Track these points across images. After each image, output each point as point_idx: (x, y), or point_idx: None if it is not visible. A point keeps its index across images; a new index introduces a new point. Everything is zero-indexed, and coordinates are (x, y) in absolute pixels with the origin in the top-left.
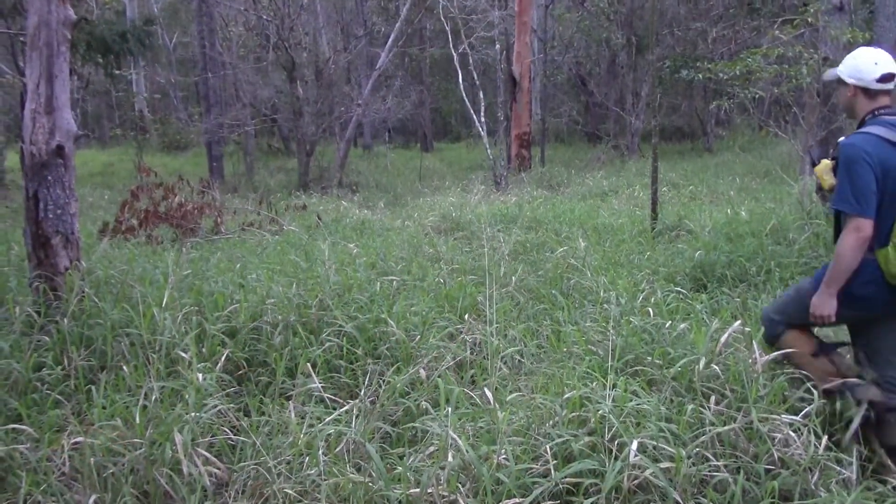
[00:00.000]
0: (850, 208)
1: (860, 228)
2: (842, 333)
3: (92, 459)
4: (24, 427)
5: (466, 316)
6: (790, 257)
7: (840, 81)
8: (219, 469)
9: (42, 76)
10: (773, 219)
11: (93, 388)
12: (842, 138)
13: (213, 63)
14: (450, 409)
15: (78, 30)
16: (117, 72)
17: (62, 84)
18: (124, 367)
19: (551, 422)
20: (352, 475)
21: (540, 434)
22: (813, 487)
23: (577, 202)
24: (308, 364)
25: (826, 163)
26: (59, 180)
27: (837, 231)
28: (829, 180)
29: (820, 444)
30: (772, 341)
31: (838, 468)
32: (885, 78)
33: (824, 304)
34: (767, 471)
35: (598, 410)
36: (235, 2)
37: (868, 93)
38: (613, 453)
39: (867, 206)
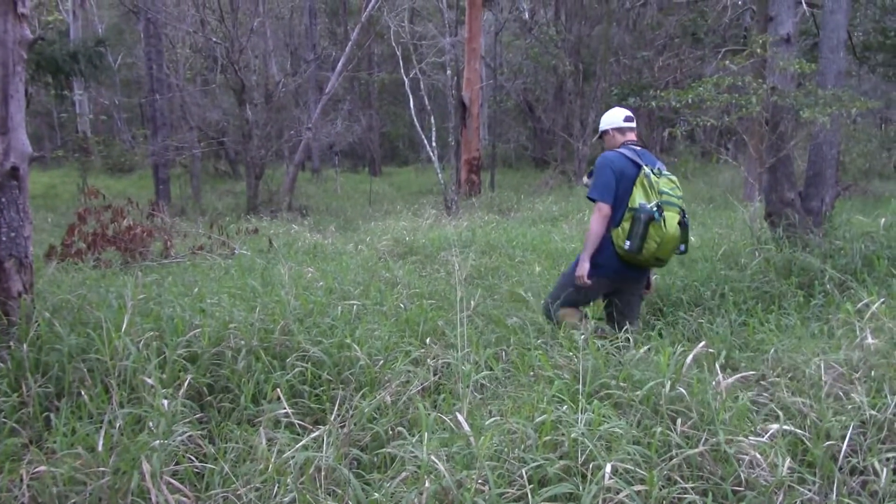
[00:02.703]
0: (596, 196)
1: (601, 210)
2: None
3: (54, 489)
4: None
5: (428, 340)
6: (743, 282)
7: (604, 132)
8: (187, 497)
9: None
10: (725, 244)
11: (51, 415)
12: (604, 153)
13: (161, 85)
14: (426, 434)
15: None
16: (66, 93)
17: (18, 104)
18: (84, 394)
19: (523, 446)
20: (326, 501)
21: (513, 458)
22: None
23: (528, 227)
24: (277, 389)
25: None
26: (13, 202)
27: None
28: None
29: (784, 465)
30: (551, 318)
31: (801, 489)
32: (628, 119)
33: (582, 266)
34: (734, 492)
35: (571, 434)
36: (183, 24)
37: (620, 130)
38: (588, 477)
39: (607, 195)
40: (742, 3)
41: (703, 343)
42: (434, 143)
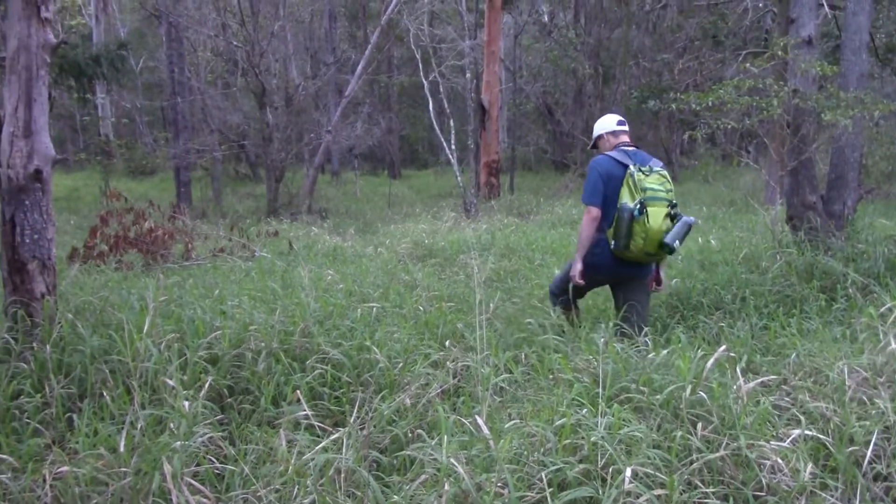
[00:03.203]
0: (585, 200)
1: (590, 212)
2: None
3: (77, 489)
4: (3, 456)
5: (447, 343)
6: (764, 285)
7: (598, 138)
8: (207, 499)
9: (21, 100)
10: (746, 247)
11: (73, 416)
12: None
13: (182, 88)
14: (446, 437)
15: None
16: (89, 96)
17: (41, 108)
18: (106, 395)
19: (543, 449)
20: (346, 503)
21: (533, 461)
22: None
23: (547, 230)
24: (298, 391)
25: None
26: (36, 205)
27: None
28: None
29: (806, 470)
30: (554, 303)
31: (824, 495)
32: (620, 123)
33: (575, 267)
34: (756, 497)
35: (591, 437)
36: (204, 27)
37: (613, 134)
38: (607, 481)
39: (595, 198)
40: (763, 5)
41: (723, 347)
42: (453, 146)
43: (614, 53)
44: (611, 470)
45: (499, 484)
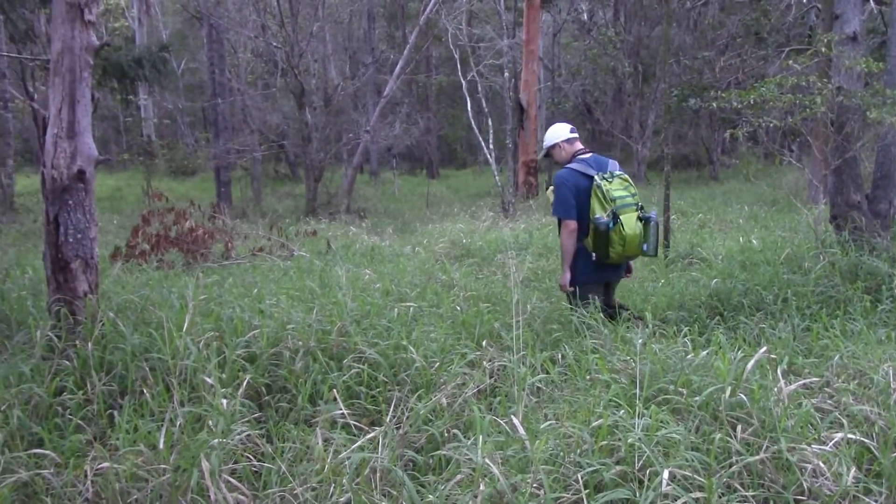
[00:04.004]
0: (561, 214)
1: (567, 226)
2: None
3: (117, 485)
4: (46, 452)
5: (484, 343)
6: (806, 286)
7: (551, 147)
8: (245, 496)
9: (64, 101)
10: (788, 247)
11: (114, 412)
12: (558, 171)
13: (223, 89)
14: (481, 437)
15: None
16: (131, 98)
17: (84, 109)
18: (146, 392)
19: (579, 450)
20: (381, 502)
21: (569, 462)
22: None
23: None
24: (334, 390)
25: (551, 188)
26: (79, 205)
27: (560, 230)
28: (552, 198)
29: (849, 475)
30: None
31: (867, 499)
32: (572, 131)
33: (564, 277)
34: (797, 501)
35: (628, 439)
36: (245, 29)
37: (568, 142)
38: (644, 483)
39: (570, 212)
40: (807, 1)
41: (764, 349)
42: (491, 146)
43: (654, 51)
44: (648, 472)
45: (534, 485)
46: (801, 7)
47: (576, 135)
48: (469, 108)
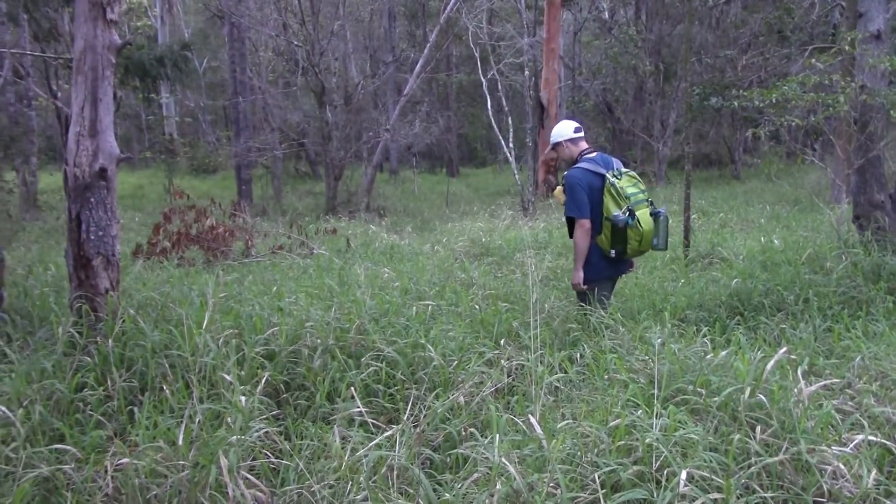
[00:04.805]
0: (576, 214)
1: (582, 225)
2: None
3: (137, 481)
4: (67, 447)
5: (502, 342)
6: (828, 286)
7: (556, 145)
8: (263, 492)
9: (87, 100)
10: (810, 247)
11: (134, 409)
12: (566, 171)
13: (244, 87)
14: (498, 436)
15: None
16: (153, 96)
17: (106, 108)
18: (166, 389)
19: (597, 450)
20: (398, 501)
21: (586, 462)
22: None
23: None
24: (352, 388)
25: (559, 188)
26: (101, 202)
27: (570, 229)
28: (562, 198)
29: (870, 477)
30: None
31: (888, 502)
32: (577, 129)
33: (576, 276)
34: (816, 503)
35: (646, 439)
36: (266, 27)
37: (572, 141)
38: (662, 483)
39: (584, 212)
40: None
41: (784, 349)
42: (511, 144)
43: (676, 50)
44: (665, 472)
45: (551, 484)
46: (824, 5)
47: (580, 134)
48: (489, 107)
